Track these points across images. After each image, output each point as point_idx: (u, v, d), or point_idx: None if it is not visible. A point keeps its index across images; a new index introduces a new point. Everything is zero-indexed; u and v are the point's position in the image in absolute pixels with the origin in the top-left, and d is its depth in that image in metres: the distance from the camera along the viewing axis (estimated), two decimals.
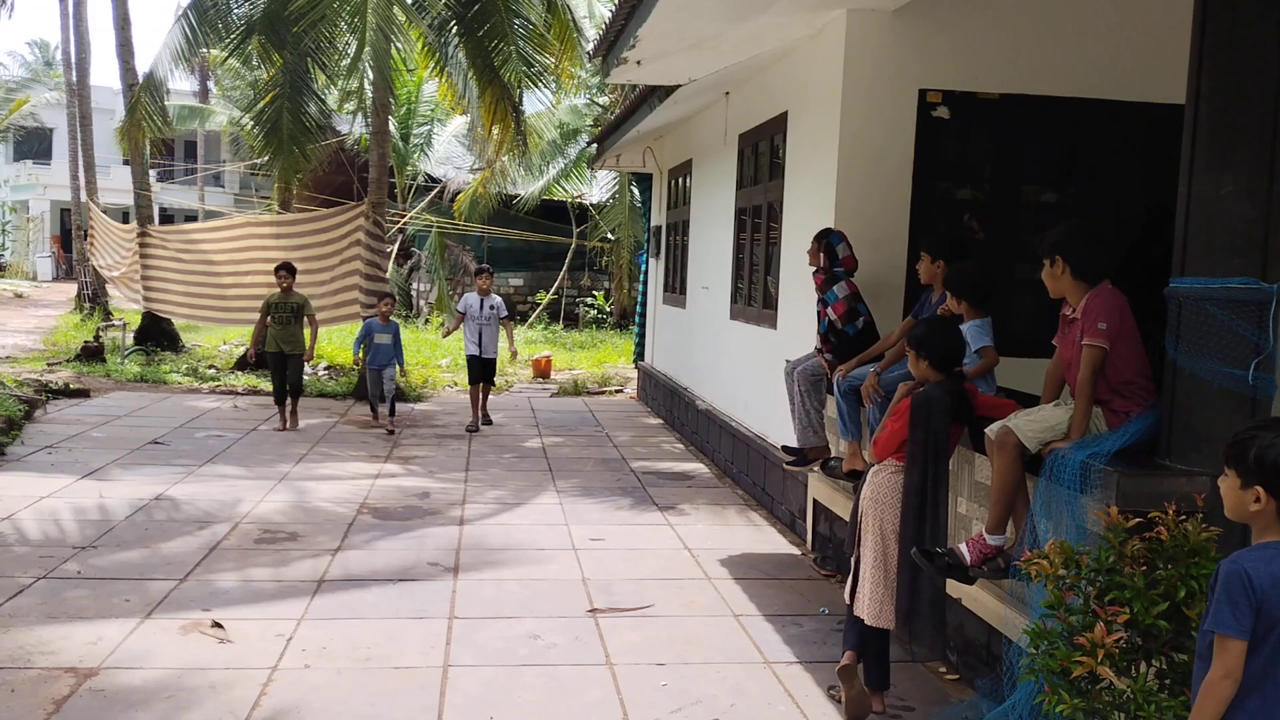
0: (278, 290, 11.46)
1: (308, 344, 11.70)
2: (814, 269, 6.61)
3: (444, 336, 13.21)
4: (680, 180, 13.06)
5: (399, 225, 24.06)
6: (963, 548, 4.24)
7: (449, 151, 27.78)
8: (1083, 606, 3.39)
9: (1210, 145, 3.64)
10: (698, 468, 10.26)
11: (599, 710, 4.59)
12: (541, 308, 25.56)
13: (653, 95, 10.13)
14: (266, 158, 15.34)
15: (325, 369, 16.29)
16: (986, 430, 4.26)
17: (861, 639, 4.61)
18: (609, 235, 24.75)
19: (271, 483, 8.78)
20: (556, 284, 25.87)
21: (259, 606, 5.81)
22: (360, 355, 12.02)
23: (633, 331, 17.14)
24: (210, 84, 34.37)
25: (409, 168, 26.31)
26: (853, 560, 4.71)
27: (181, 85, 34.82)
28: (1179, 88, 3.94)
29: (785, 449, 6.92)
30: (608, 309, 25.72)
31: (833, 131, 7.20)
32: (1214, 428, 3.58)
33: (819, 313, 6.58)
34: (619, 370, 18.09)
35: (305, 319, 11.50)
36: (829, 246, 6.48)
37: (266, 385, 13.25)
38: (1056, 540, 3.53)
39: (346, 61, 14.40)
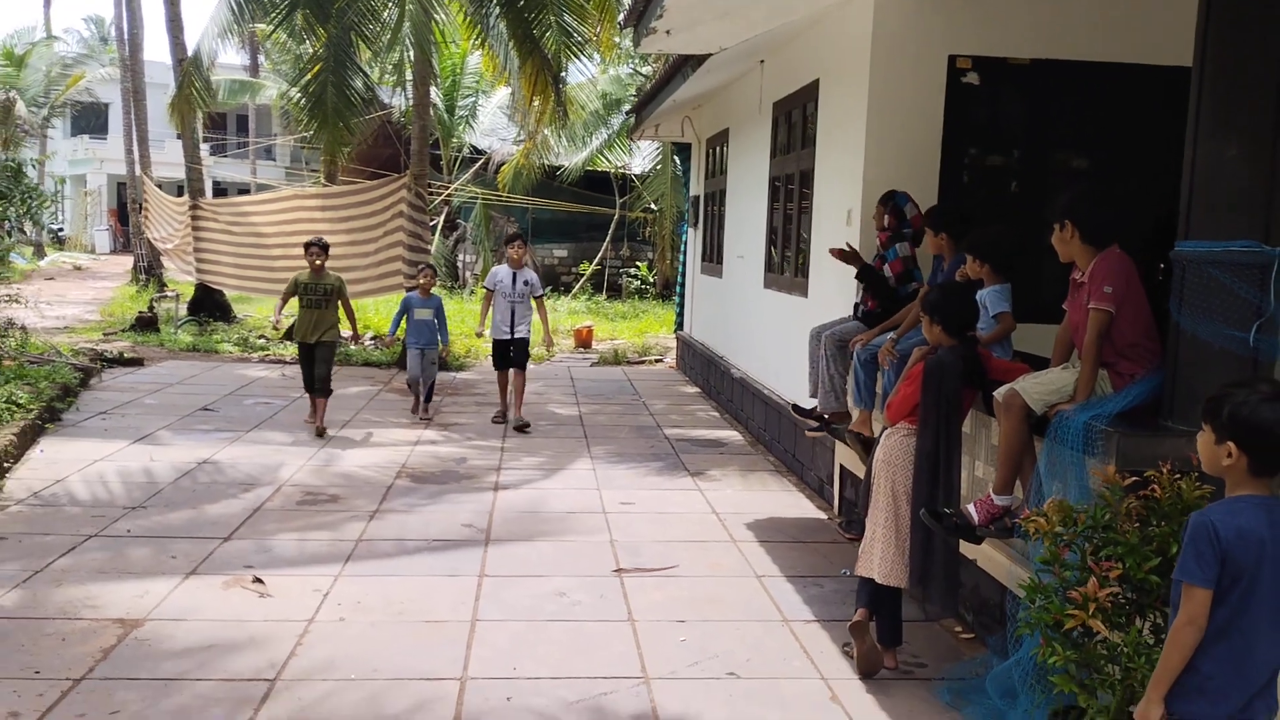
0: (308, 270, 9.91)
1: (345, 328, 10.32)
2: (879, 229, 6.68)
3: (479, 335, 11.39)
4: (718, 149, 13.10)
5: (444, 197, 24.29)
6: (970, 508, 4.33)
7: (494, 123, 27.94)
8: (1079, 563, 3.48)
9: (1214, 110, 3.67)
10: (731, 435, 10.38)
11: (619, 663, 4.75)
12: (585, 278, 25.72)
13: (686, 64, 10.18)
14: (312, 131, 15.63)
15: (371, 339, 16.58)
16: (995, 393, 4.33)
17: (874, 597, 4.72)
18: (652, 206, 24.80)
19: (314, 448, 9.03)
20: (600, 255, 26.00)
21: (299, 564, 6.05)
22: (398, 333, 11.07)
23: (675, 302, 17.24)
24: (260, 58, 34.77)
25: (454, 139, 26.52)
26: (866, 521, 4.81)
27: (232, 60, 35.31)
28: None
29: (796, 409, 7.05)
30: (651, 279, 25.82)
31: (861, 98, 7.23)
32: (1215, 389, 3.62)
33: (873, 266, 6.67)
34: (660, 340, 18.22)
35: (340, 303, 10.02)
36: (895, 207, 6.54)
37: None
38: (1055, 499, 3.61)
39: (389, 35, 14.62)
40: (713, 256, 13.30)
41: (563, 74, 15.67)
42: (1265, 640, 2.66)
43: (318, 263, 9.81)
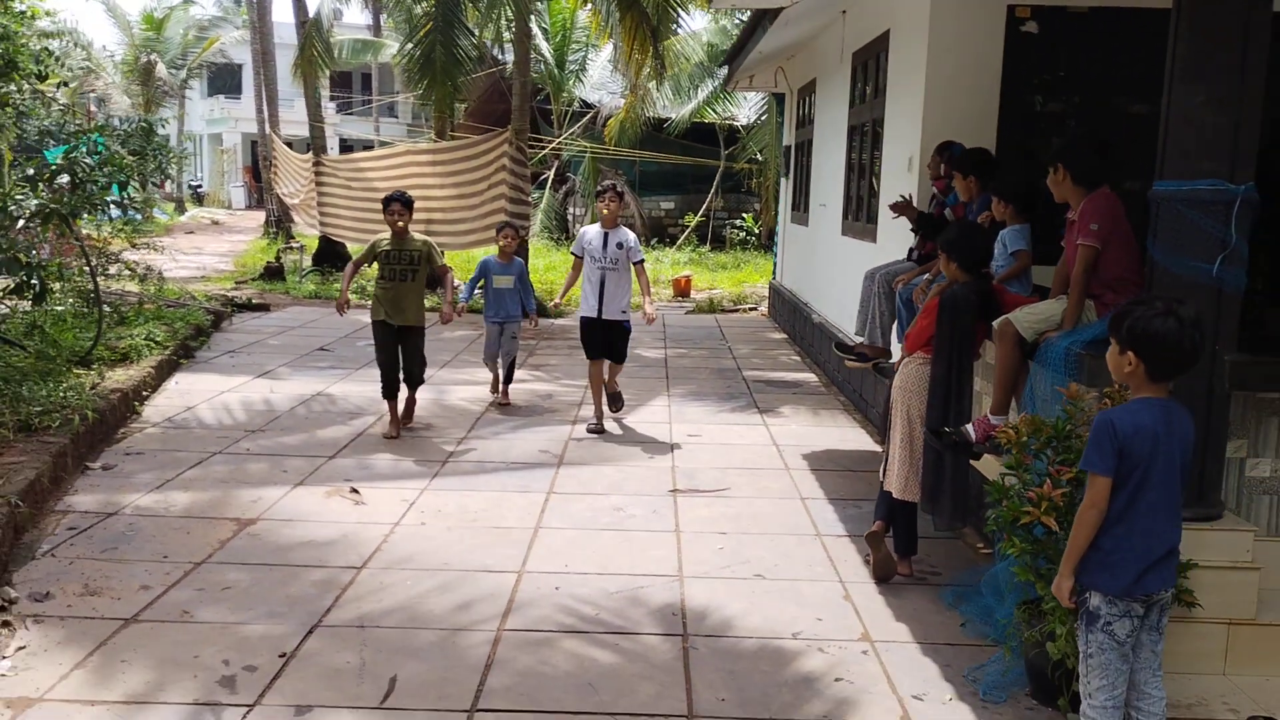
0: (388, 234, 7.82)
1: (442, 303, 8.37)
2: (933, 177, 7.02)
3: (560, 299, 10.01)
4: (807, 99, 13.38)
5: (552, 148, 24.96)
6: (969, 427, 4.75)
7: (602, 77, 28.46)
8: (1045, 469, 3.90)
9: (1187, 57, 3.97)
10: (808, 377, 10.81)
11: (659, 564, 5.34)
12: (690, 230, 26.16)
13: (764, 18, 10.52)
14: (423, 89, 16.44)
15: None
16: (993, 323, 4.73)
17: (890, 510, 5.19)
18: (757, 156, 25.04)
19: None
20: (704, 206, 26.38)
21: (391, 478, 6.80)
22: (468, 301, 9.28)
23: (774, 252, 17.60)
24: (382, 17, 35.94)
25: (564, 94, 27.13)
26: (884, 441, 5.27)
27: (356, 19, 36.60)
28: None
29: (839, 345, 7.49)
30: (756, 230, 26.12)
31: (922, 48, 7.52)
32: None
33: (933, 214, 7.01)
34: (757, 290, 18.60)
35: (434, 271, 7.93)
36: (952, 157, 6.85)
37: (432, 300, 10.67)
38: (1026, 414, 4.03)
39: None
40: (800, 205, 13.64)
41: (670, 25, 16.08)
42: (1158, 522, 3.07)
43: (400, 224, 7.73)
